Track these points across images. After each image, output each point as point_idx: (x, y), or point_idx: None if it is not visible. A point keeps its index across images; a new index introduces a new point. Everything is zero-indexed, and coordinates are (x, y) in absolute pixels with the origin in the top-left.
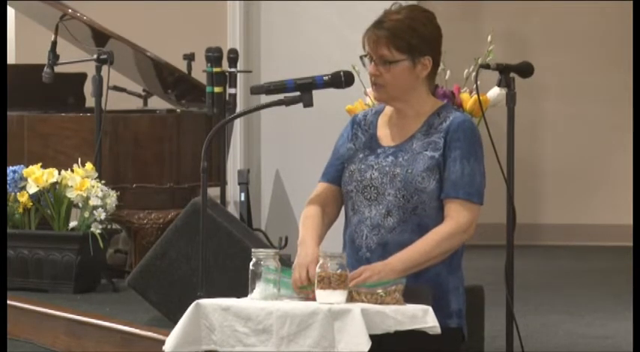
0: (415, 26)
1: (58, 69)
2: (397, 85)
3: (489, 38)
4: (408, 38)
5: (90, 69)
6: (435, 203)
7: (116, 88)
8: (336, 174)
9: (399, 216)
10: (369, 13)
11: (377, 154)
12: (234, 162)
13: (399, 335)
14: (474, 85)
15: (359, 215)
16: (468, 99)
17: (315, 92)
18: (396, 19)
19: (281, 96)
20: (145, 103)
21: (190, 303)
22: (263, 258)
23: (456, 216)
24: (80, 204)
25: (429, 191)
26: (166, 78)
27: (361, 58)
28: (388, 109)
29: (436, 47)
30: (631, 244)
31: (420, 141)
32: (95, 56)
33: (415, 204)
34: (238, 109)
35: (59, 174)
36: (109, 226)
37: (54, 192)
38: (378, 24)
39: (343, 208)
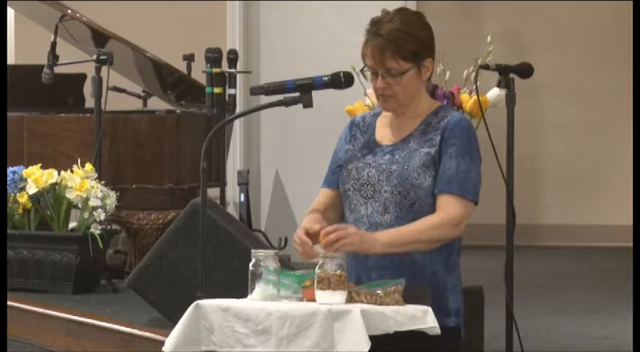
0: (414, 32)
1: (57, 69)
2: (407, 93)
3: (489, 39)
4: (411, 46)
5: (89, 69)
6: (431, 199)
7: (116, 89)
8: (335, 178)
9: (396, 213)
10: (368, 13)
11: (374, 153)
12: (234, 162)
13: (398, 333)
14: (474, 86)
15: (355, 213)
16: (467, 100)
17: (314, 93)
18: (393, 29)
19: (281, 96)
20: (145, 104)
21: (190, 304)
22: (263, 258)
23: (447, 208)
24: (80, 205)
25: (425, 187)
26: (166, 78)
27: (362, 71)
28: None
29: (433, 47)
30: (631, 244)
31: (417, 139)
32: (95, 57)
33: (412, 201)
34: (238, 110)
35: (59, 174)
36: (108, 227)
37: (53, 193)
38: (376, 36)
39: None
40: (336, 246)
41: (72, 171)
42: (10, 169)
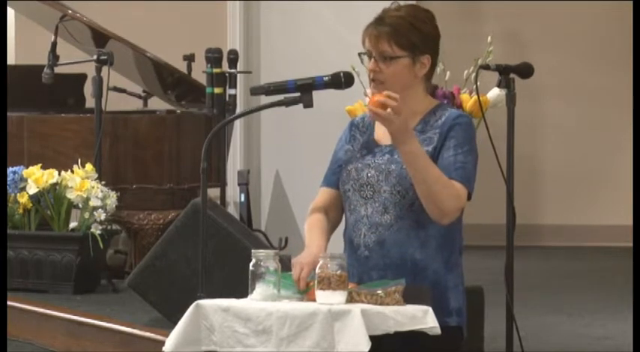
0: (416, 24)
1: (58, 70)
2: (396, 82)
3: (489, 39)
4: (410, 35)
5: (90, 70)
6: None
7: (116, 89)
8: (335, 178)
9: (395, 213)
10: (368, 13)
11: (374, 153)
12: (234, 162)
13: (399, 333)
14: (474, 86)
15: (356, 214)
16: (467, 100)
17: (315, 93)
18: (397, 16)
19: (281, 96)
20: (145, 104)
21: (190, 304)
22: (263, 258)
23: (457, 191)
24: (80, 205)
25: None
26: (166, 79)
27: (360, 55)
28: None
29: (435, 47)
30: (631, 244)
31: (416, 138)
32: (95, 57)
33: (411, 200)
34: (238, 110)
35: (59, 174)
36: (108, 227)
37: (54, 193)
38: (378, 21)
39: None
40: (382, 112)
41: (72, 171)
42: (10, 169)
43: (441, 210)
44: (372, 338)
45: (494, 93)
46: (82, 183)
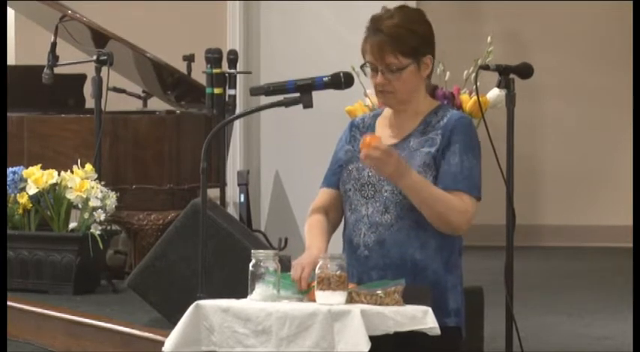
0: (413, 28)
1: (57, 70)
2: (406, 90)
3: (489, 39)
4: (411, 41)
5: (90, 70)
6: None
7: (116, 89)
8: (335, 178)
9: (396, 213)
10: (368, 13)
11: None
12: (234, 163)
13: (398, 334)
14: (474, 86)
15: (356, 214)
16: (467, 101)
17: (314, 93)
18: (393, 25)
19: (281, 97)
20: (145, 104)
21: (190, 304)
22: (263, 259)
23: (464, 205)
24: (80, 205)
25: None
26: (166, 79)
27: (362, 67)
28: (387, 112)
29: (433, 44)
30: (631, 245)
31: (417, 138)
32: (95, 57)
33: None
34: (238, 110)
35: (59, 175)
36: (108, 227)
37: (54, 194)
38: (376, 32)
39: None
40: (371, 163)
41: (72, 172)
42: (10, 170)
43: (450, 226)
44: (372, 338)
45: (494, 93)
46: (81, 183)
